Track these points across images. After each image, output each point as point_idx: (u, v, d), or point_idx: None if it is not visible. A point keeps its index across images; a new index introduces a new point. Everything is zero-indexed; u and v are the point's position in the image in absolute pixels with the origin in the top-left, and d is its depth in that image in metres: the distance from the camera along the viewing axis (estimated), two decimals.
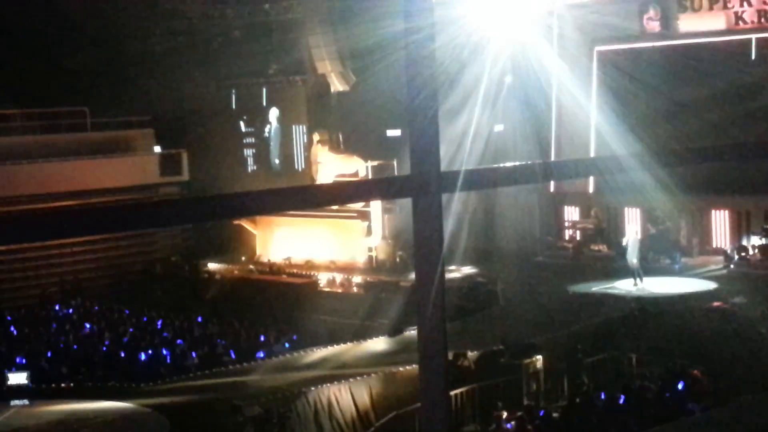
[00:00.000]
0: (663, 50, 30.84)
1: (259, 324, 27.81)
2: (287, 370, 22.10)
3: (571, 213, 33.28)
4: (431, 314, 4.42)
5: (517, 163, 25.34)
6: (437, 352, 4.48)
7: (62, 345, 27.09)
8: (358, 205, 32.03)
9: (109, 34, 38.59)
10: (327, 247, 33.74)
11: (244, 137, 42.11)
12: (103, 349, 26.49)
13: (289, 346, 25.36)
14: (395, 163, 32.87)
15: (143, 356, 25.06)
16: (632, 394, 18.41)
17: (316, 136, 36.67)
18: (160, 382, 22.50)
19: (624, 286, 26.69)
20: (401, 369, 20.75)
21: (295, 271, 33.67)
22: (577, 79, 31.07)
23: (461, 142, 29.50)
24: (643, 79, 29.66)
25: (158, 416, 20.14)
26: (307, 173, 37.97)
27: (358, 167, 34.61)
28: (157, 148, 40.61)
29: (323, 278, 32.38)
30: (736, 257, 28.03)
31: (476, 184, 5.00)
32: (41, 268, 35.75)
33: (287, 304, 29.97)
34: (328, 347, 24.11)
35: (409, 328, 23.54)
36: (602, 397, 18.73)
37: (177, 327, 28.22)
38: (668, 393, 18.37)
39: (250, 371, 22.66)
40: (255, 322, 28.18)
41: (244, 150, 42.26)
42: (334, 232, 33.89)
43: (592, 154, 29.33)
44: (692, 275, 27.65)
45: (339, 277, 32.10)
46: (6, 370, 22.96)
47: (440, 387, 4.51)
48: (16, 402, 21.55)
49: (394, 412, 18.89)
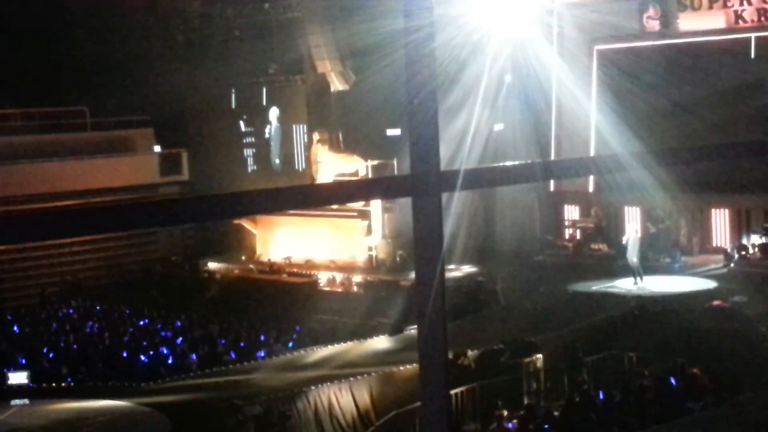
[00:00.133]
0: (663, 49, 30.84)
1: (259, 323, 27.83)
2: (287, 370, 22.10)
3: (571, 212, 33.26)
4: (431, 313, 4.42)
5: (517, 163, 25.38)
6: (437, 351, 4.48)
7: (62, 344, 27.08)
8: (358, 205, 32.02)
9: (109, 34, 38.61)
10: (327, 246, 33.72)
11: (244, 137, 42.13)
12: (104, 348, 26.49)
13: (292, 345, 25.36)
14: (395, 162, 32.87)
15: (143, 356, 25.06)
16: (632, 393, 18.41)
17: (315, 136, 36.64)
18: (160, 382, 22.50)
19: (624, 285, 26.67)
20: (402, 368, 20.75)
21: (295, 270, 33.67)
22: (576, 78, 31.08)
23: (461, 142, 29.53)
24: (643, 78, 29.63)
25: (159, 415, 20.12)
26: (307, 173, 37.95)
27: (357, 166, 34.60)
28: (157, 148, 40.62)
29: (323, 277, 32.37)
30: (736, 256, 28.01)
31: (476, 183, 4.99)
32: (42, 267, 35.76)
33: (287, 304, 29.99)
34: (329, 346, 24.09)
35: (409, 327, 23.54)
36: (602, 396, 18.73)
37: (177, 326, 28.22)
38: (668, 392, 18.37)
39: (250, 370, 22.65)
40: (255, 321, 28.21)
41: (244, 149, 42.28)
42: (334, 231, 33.88)
43: (592, 153, 29.32)
44: (692, 274, 27.63)
45: (339, 277, 32.09)
46: (6, 369, 22.94)
47: (440, 386, 4.51)
48: (17, 401, 21.54)
49: (395, 411, 18.88)
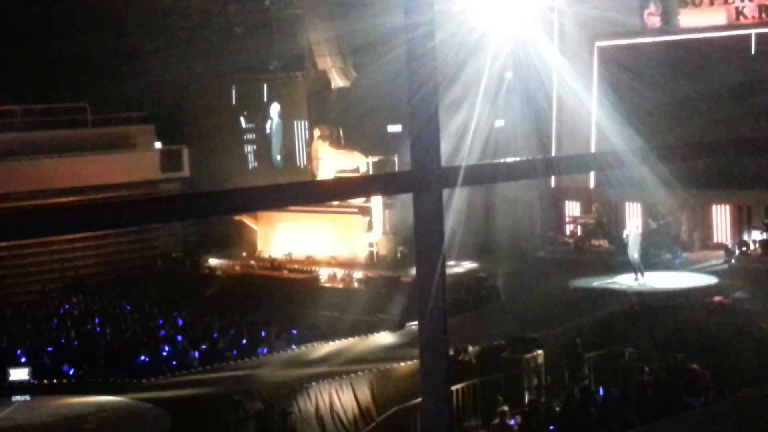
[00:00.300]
0: (663, 46, 30.81)
1: (260, 319, 27.82)
2: (288, 366, 22.12)
3: (572, 208, 33.26)
4: (432, 309, 4.42)
5: (518, 159, 25.37)
6: (438, 347, 4.48)
7: (63, 341, 27.10)
8: (359, 201, 32.01)
9: (110, 30, 38.56)
10: (328, 242, 33.71)
11: (244, 133, 42.11)
12: (105, 345, 26.49)
13: (293, 341, 25.35)
14: (396, 158, 32.84)
15: (144, 352, 25.06)
16: (633, 389, 18.42)
17: (316, 132, 36.61)
18: (161, 378, 22.52)
19: (625, 281, 26.66)
20: (402, 364, 20.76)
21: (296, 266, 33.66)
22: (577, 75, 31.06)
23: (462, 138, 29.51)
24: (644, 75, 29.59)
25: (160, 411, 20.15)
26: (308, 169, 37.93)
27: (358, 163, 34.57)
28: (158, 144, 40.60)
29: (324, 274, 32.37)
30: (737, 252, 28.00)
31: (477, 179, 4.99)
32: (42, 264, 35.75)
33: (288, 300, 29.99)
34: (330, 342, 24.11)
35: (410, 323, 23.53)
36: (602, 392, 18.74)
37: (178, 323, 28.22)
38: (669, 387, 18.38)
39: (251, 366, 22.67)
40: (256, 317, 28.19)
41: (244, 146, 42.27)
42: (335, 227, 33.86)
43: (593, 150, 29.30)
44: (693, 270, 27.62)
45: (340, 273, 32.08)
46: (7, 366, 22.96)
47: (441, 382, 4.51)
48: (18, 398, 21.58)
49: (396, 408, 18.89)
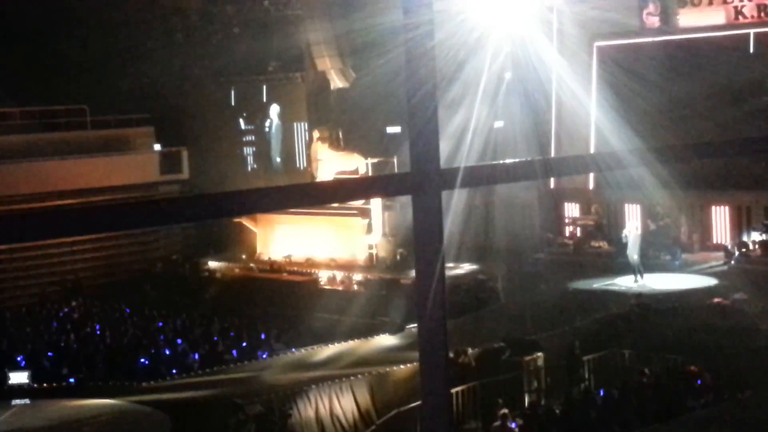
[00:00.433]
0: (663, 45, 30.81)
1: (260, 322, 27.79)
2: (288, 369, 22.10)
3: (571, 209, 33.26)
4: (432, 311, 4.41)
5: (517, 160, 25.35)
6: (438, 349, 4.46)
7: (63, 344, 27.07)
8: (359, 203, 32.01)
9: (109, 32, 38.59)
10: (327, 244, 33.70)
11: (244, 135, 42.11)
12: (104, 348, 26.47)
13: (294, 350, 25.31)
14: (395, 160, 32.84)
15: (144, 355, 25.04)
16: (632, 391, 18.40)
17: (315, 133, 36.61)
18: (161, 381, 22.50)
19: (624, 282, 26.67)
20: (402, 367, 20.74)
21: (295, 268, 33.65)
22: (576, 75, 31.05)
23: (461, 139, 29.51)
24: (643, 75, 29.60)
25: (160, 414, 20.12)
26: (307, 171, 37.92)
27: (358, 164, 34.57)
28: (157, 146, 40.59)
29: (324, 276, 32.36)
30: (737, 253, 28.00)
31: (476, 181, 4.98)
32: (42, 267, 35.71)
33: (288, 302, 29.97)
34: (329, 345, 24.08)
35: (409, 325, 23.51)
36: (602, 394, 18.73)
37: (178, 326, 28.19)
38: (668, 389, 18.36)
39: (251, 369, 22.65)
40: (256, 320, 28.16)
41: (244, 147, 42.27)
42: (334, 229, 33.85)
43: (592, 150, 29.30)
44: (693, 271, 27.63)
45: (339, 275, 32.07)
46: (7, 369, 22.93)
47: (441, 384, 4.50)
48: (18, 401, 21.53)
49: (395, 410, 18.88)
